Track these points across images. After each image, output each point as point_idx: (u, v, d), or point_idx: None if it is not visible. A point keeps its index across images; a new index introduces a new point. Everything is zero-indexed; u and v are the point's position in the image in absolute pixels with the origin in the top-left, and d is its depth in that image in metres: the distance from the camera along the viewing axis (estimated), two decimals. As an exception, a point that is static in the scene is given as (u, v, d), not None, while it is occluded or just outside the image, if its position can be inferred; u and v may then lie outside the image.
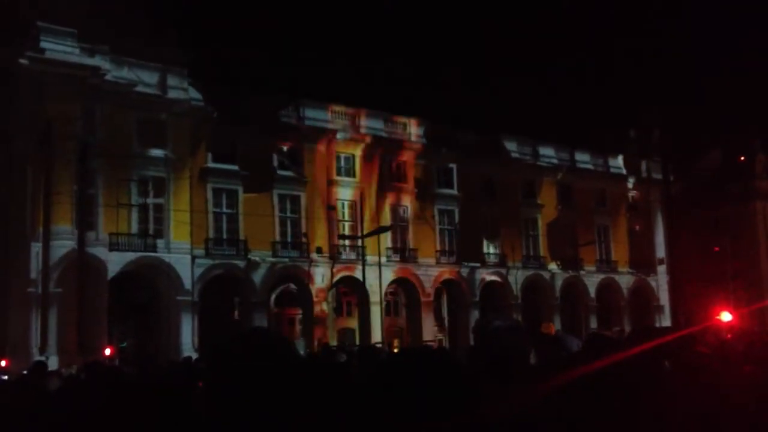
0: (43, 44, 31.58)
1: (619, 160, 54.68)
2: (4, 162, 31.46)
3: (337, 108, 42.20)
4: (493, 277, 46.47)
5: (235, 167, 37.72)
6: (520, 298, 46.97)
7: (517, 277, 47.16)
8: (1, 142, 31.34)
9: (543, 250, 48.97)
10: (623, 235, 53.10)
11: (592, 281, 50.57)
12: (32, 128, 30.57)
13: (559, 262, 48.98)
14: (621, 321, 49.67)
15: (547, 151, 50.48)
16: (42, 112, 30.52)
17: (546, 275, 48.57)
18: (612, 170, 54.03)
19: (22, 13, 31.08)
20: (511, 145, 48.88)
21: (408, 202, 43.97)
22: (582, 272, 50.03)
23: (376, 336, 39.61)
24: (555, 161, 50.63)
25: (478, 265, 45.78)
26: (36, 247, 30.73)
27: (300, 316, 42.69)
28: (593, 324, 48.51)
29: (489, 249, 47.34)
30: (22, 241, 30.83)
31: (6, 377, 18.09)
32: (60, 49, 31.89)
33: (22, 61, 30.90)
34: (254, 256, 37.65)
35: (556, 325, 46.82)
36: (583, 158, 52.56)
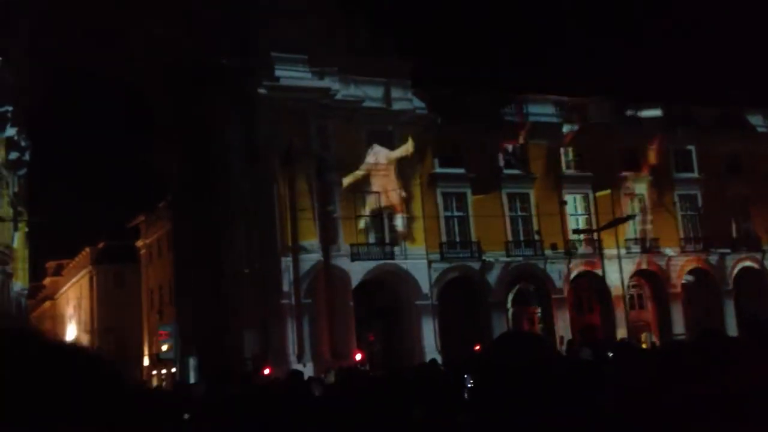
0: (278, 72, 33.89)
1: None
2: (253, 183, 34.17)
3: (561, 100, 41.24)
4: (748, 263, 42.94)
5: (462, 170, 38.09)
6: (780, 284, 42.99)
7: (775, 262, 43.27)
8: (248, 164, 34.11)
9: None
10: None
11: None
12: (273, 150, 33.02)
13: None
14: None
15: (799, 122, 45.90)
16: (281, 134, 32.87)
17: (810, 257, 44.00)
18: None
19: (257, 45, 33.62)
20: (755, 119, 45.03)
21: (644, 190, 41.90)
22: None
23: (621, 332, 38.01)
24: (810, 131, 45.83)
25: (728, 250, 42.50)
26: (286, 262, 33.03)
27: (539, 314, 42.09)
28: None
29: (740, 232, 43.75)
30: (273, 256, 33.25)
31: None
32: (293, 75, 34.05)
33: (261, 90, 33.41)
34: (488, 256, 37.74)
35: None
36: None
